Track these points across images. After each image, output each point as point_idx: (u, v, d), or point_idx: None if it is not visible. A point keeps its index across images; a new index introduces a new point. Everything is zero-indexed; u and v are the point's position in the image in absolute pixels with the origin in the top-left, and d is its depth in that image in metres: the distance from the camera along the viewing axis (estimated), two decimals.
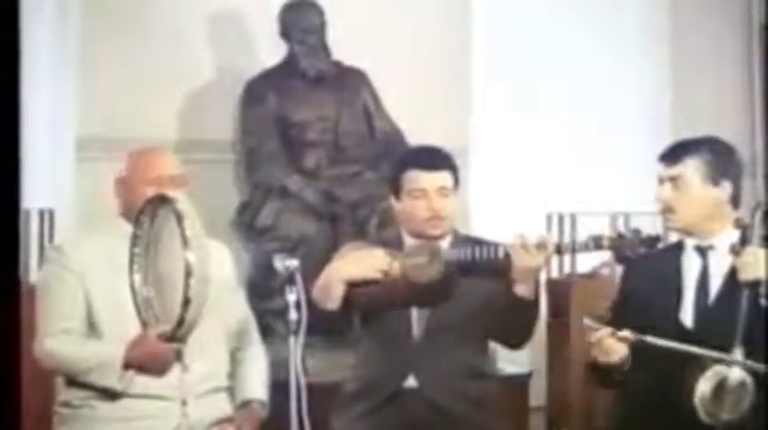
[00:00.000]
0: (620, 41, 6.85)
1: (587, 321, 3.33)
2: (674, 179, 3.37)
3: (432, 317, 3.65)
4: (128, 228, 3.54)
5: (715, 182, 3.36)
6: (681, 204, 3.36)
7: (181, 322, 3.36)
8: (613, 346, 3.29)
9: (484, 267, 3.57)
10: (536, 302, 3.56)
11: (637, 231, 3.43)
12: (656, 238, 3.43)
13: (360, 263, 3.66)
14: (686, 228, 3.39)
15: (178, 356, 3.52)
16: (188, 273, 3.31)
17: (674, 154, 3.40)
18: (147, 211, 3.48)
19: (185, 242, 3.31)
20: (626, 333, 3.25)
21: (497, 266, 3.54)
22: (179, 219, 3.34)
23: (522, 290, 3.50)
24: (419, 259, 3.61)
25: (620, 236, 3.43)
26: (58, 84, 6.16)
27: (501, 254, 3.52)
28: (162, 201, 3.44)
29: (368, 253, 3.69)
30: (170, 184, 3.56)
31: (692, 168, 3.36)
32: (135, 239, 3.50)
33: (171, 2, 6.41)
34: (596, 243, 3.45)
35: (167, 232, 3.42)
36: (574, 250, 3.62)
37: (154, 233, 3.48)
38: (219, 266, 3.72)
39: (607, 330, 3.28)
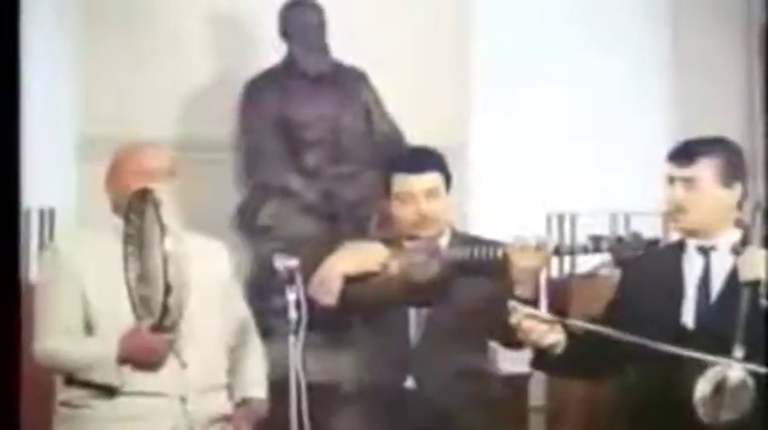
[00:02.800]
0: (620, 41, 6.85)
1: (512, 303, 3.33)
2: (687, 180, 3.34)
3: (430, 317, 3.65)
4: (120, 225, 3.54)
5: (728, 184, 3.33)
6: (693, 205, 3.33)
7: (165, 309, 3.36)
8: (537, 328, 3.30)
9: (483, 267, 3.57)
10: (536, 303, 3.56)
11: (636, 235, 3.42)
12: (656, 242, 3.42)
13: (357, 256, 3.67)
14: (696, 229, 3.37)
15: (172, 348, 3.51)
16: (165, 260, 3.32)
17: (687, 154, 3.35)
18: (134, 208, 3.48)
19: (162, 229, 3.32)
20: (547, 315, 3.29)
21: (496, 266, 3.54)
22: (156, 207, 3.35)
23: (522, 291, 3.50)
24: (418, 258, 3.61)
25: (620, 239, 3.42)
26: (58, 84, 6.16)
27: (500, 253, 3.52)
28: (144, 195, 3.44)
29: (366, 246, 3.70)
30: (158, 177, 3.55)
31: (707, 170, 3.32)
32: (127, 238, 3.50)
33: (171, 2, 6.41)
34: (595, 245, 3.45)
35: (153, 226, 3.42)
36: (572, 252, 3.62)
37: (144, 230, 3.48)
38: (216, 264, 3.72)
39: (525, 311, 3.30)
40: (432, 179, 3.67)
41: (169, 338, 3.49)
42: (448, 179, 3.72)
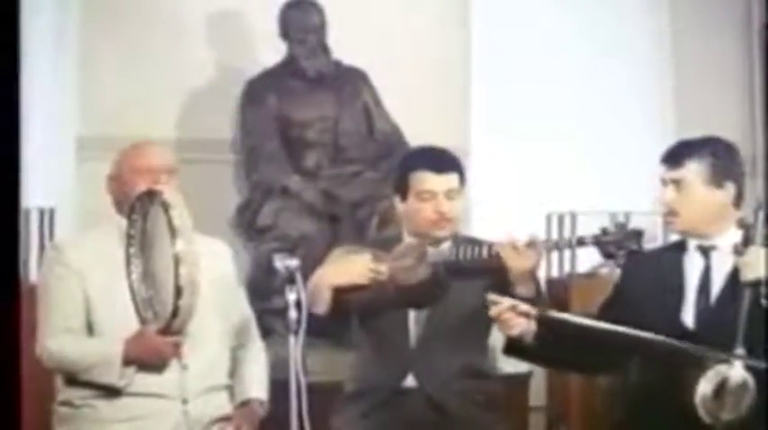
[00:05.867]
0: (621, 41, 6.85)
1: (490, 296, 3.35)
2: (676, 182, 3.35)
3: (430, 318, 3.65)
4: (124, 225, 3.53)
5: (718, 184, 3.33)
6: (684, 207, 3.34)
7: (175, 312, 3.35)
8: (513, 320, 3.32)
9: (475, 267, 3.57)
10: (539, 298, 3.56)
11: (621, 226, 3.44)
12: (640, 233, 3.42)
13: (345, 269, 3.66)
14: (690, 230, 3.38)
15: (178, 351, 3.51)
16: (177, 262, 3.31)
17: (675, 156, 3.37)
18: (138, 210, 3.47)
19: (173, 231, 3.31)
20: (526, 307, 3.30)
21: (492, 266, 3.54)
22: (165, 208, 3.34)
23: (522, 291, 3.51)
24: (406, 261, 3.61)
25: (604, 231, 3.44)
26: (58, 84, 6.16)
27: (485, 252, 3.52)
28: (151, 196, 3.43)
29: (354, 259, 3.69)
30: (160, 174, 3.55)
31: (694, 172, 3.33)
32: (129, 239, 3.49)
33: (171, 1, 6.41)
34: (579, 239, 3.48)
35: (160, 228, 3.41)
36: (557, 247, 3.64)
37: (148, 231, 3.48)
38: (219, 264, 3.72)
39: (507, 304, 3.32)
40: (452, 179, 3.68)
41: (176, 341, 3.48)
42: (463, 181, 3.72)
